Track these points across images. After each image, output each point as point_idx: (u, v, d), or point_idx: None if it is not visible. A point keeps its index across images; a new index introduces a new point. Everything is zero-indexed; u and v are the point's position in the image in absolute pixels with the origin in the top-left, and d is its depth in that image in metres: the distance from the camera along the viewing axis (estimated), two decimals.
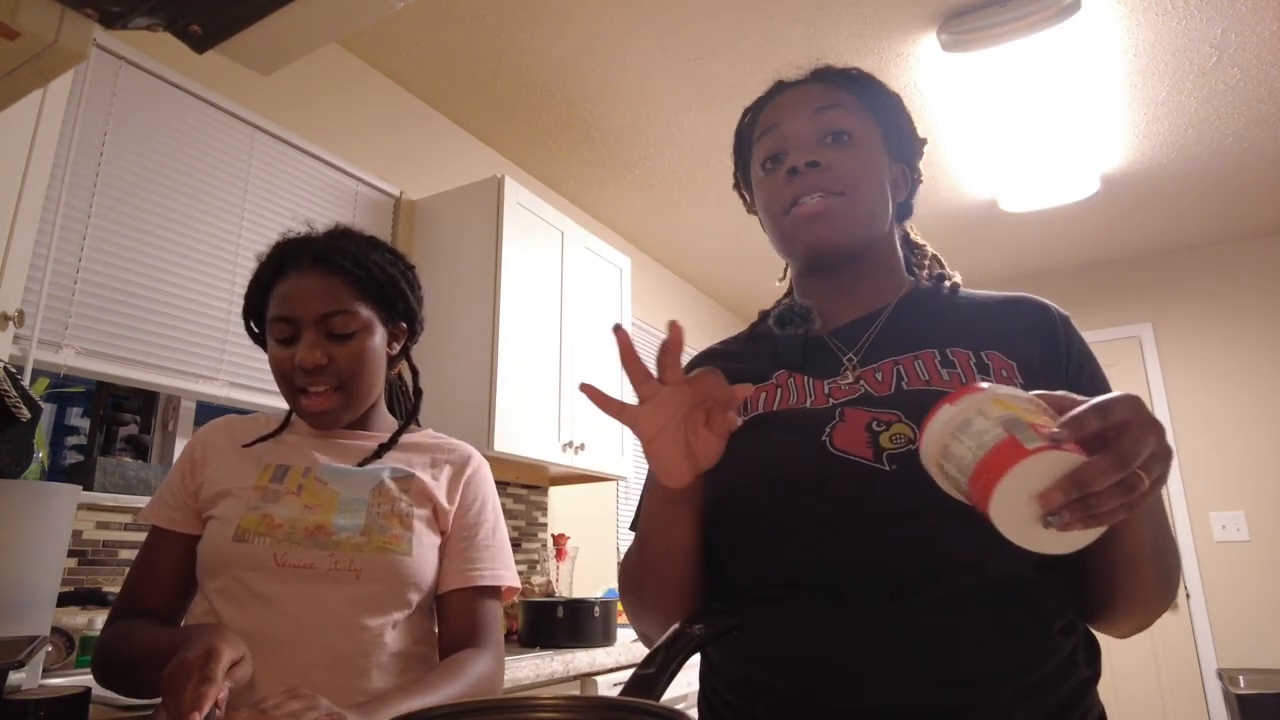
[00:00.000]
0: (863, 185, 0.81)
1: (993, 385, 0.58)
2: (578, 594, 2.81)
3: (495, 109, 2.82)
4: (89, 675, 0.99)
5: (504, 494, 2.86)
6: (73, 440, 1.98)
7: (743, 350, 0.91)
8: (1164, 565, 0.67)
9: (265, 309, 1.04)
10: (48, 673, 1.38)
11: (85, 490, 1.66)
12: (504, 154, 3.11)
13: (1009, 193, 3.46)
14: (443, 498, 1.05)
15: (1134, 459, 0.50)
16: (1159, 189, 3.47)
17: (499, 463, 2.34)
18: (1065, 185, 3.38)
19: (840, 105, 0.84)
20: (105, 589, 1.61)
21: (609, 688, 2.09)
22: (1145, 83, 2.69)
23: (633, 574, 0.81)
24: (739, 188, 0.97)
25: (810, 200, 0.80)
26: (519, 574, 1.52)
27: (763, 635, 0.72)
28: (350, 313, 1.01)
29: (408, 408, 1.20)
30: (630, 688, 0.56)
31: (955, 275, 0.89)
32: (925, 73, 2.62)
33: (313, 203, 2.35)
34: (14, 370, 1.01)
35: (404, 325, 1.11)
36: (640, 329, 3.83)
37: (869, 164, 0.83)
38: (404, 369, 1.21)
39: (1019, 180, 3.36)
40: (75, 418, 1.98)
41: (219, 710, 0.70)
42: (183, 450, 1.08)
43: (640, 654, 2.00)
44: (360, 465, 1.04)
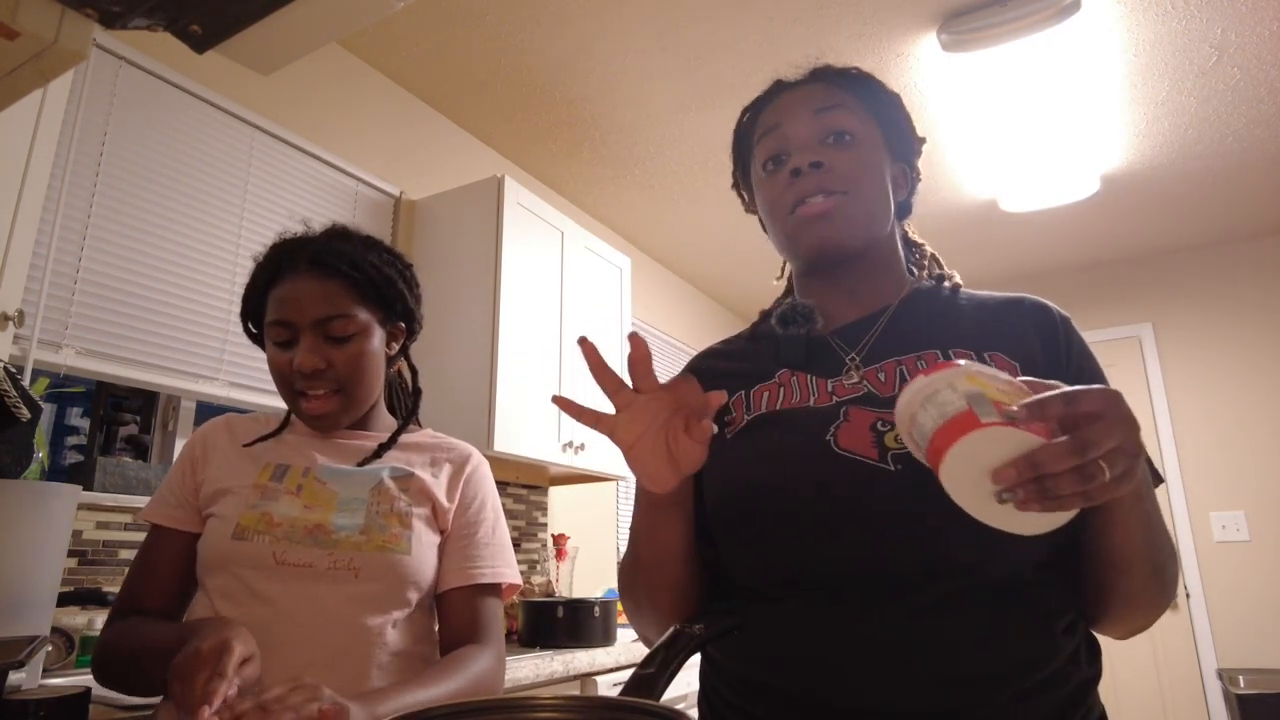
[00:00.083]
0: (865, 185, 0.82)
1: (970, 363, 0.59)
2: (578, 594, 2.81)
3: (495, 109, 2.82)
4: (89, 675, 0.99)
5: (504, 494, 2.86)
6: (73, 440, 1.98)
7: (744, 350, 0.91)
8: (1157, 564, 0.66)
9: (263, 311, 1.04)
10: (48, 673, 1.38)
11: (85, 490, 1.66)
12: (504, 154, 3.11)
13: (1009, 193, 3.46)
14: (442, 496, 1.05)
15: (1094, 448, 0.50)
16: (1159, 189, 3.46)
17: (499, 463, 2.34)
18: (1065, 185, 3.38)
19: (840, 106, 0.84)
20: (105, 589, 1.61)
21: (609, 688, 2.09)
22: (1145, 83, 2.69)
23: (629, 577, 0.82)
24: (738, 187, 0.97)
25: (814, 201, 0.80)
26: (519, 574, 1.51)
27: (763, 635, 0.72)
28: (348, 316, 1.01)
29: (407, 407, 1.20)
30: (630, 688, 0.56)
31: (954, 275, 0.89)
32: (925, 73, 2.62)
33: (312, 203, 2.35)
34: (14, 370, 1.01)
35: (402, 325, 1.11)
36: (640, 329, 3.83)
37: (870, 163, 0.83)
38: (403, 367, 1.21)
39: (1019, 180, 3.36)
40: (75, 418, 1.99)
41: (226, 707, 0.70)
42: (183, 448, 1.08)
43: (640, 654, 1.99)
44: (360, 465, 1.04)
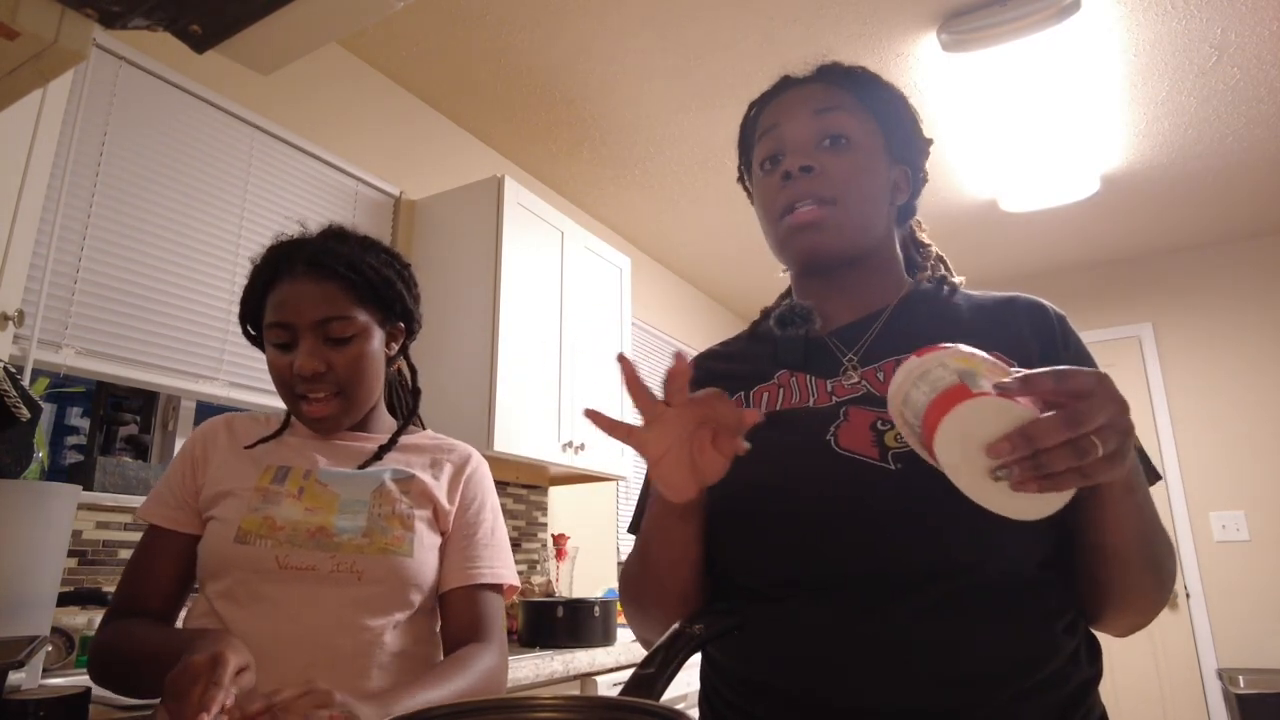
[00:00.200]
0: (855, 192, 0.81)
1: (961, 345, 0.59)
2: (578, 594, 2.81)
3: (495, 109, 2.82)
4: (89, 675, 0.99)
5: (504, 494, 2.86)
6: (73, 440, 1.98)
7: (743, 350, 0.91)
8: (1152, 558, 0.66)
9: (261, 313, 1.04)
10: (48, 673, 1.38)
11: (85, 490, 1.66)
12: (504, 154, 3.11)
13: (1009, 193, 3.46)
14: (443, 498, 1.05)
15: (1086, 421, 0.51)
16: (1159, 189, 3.46)
17: (499, 463, 2.34)
18: (1065, 185, 3.37)
19: (840, 108, 0.83)
20: (105, 589, 1.61)
21: (609, 688, 2.09)
22: (1145, 83, 2.69)
23: (635, 581, 0.81)
24: (743, 181, 0.97)
25: (802, 208, 0.80)
26: (519, 574, 1.51)
27: (763, 635, 0.72)
28: (347, 317, 1.01)
29: (407, 407, 1.20)
30: (630, 687, 0.56)
31: (959, 278, 0.89)
32: (925, 73, 2.62)
33: (312, 202, 2.34)
34: (14, 370, 1.01)
35: (402, 325, 1.11)
36: (640, 329, 3.83)
37: (865, 169, 0.82)
38: (403, 367, 1.20)
39: (1019, 180, 3.36)
40: (75, 418, 1.99)
41: (235, 708, 0.70)
42: (181, 448, 1.08)
43: (640, 654, 1.99)
44: (360, 468, 1.04)
